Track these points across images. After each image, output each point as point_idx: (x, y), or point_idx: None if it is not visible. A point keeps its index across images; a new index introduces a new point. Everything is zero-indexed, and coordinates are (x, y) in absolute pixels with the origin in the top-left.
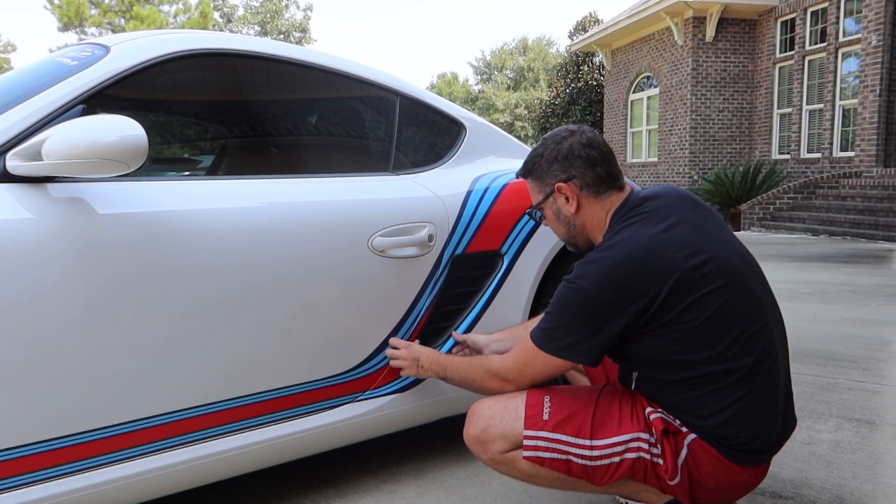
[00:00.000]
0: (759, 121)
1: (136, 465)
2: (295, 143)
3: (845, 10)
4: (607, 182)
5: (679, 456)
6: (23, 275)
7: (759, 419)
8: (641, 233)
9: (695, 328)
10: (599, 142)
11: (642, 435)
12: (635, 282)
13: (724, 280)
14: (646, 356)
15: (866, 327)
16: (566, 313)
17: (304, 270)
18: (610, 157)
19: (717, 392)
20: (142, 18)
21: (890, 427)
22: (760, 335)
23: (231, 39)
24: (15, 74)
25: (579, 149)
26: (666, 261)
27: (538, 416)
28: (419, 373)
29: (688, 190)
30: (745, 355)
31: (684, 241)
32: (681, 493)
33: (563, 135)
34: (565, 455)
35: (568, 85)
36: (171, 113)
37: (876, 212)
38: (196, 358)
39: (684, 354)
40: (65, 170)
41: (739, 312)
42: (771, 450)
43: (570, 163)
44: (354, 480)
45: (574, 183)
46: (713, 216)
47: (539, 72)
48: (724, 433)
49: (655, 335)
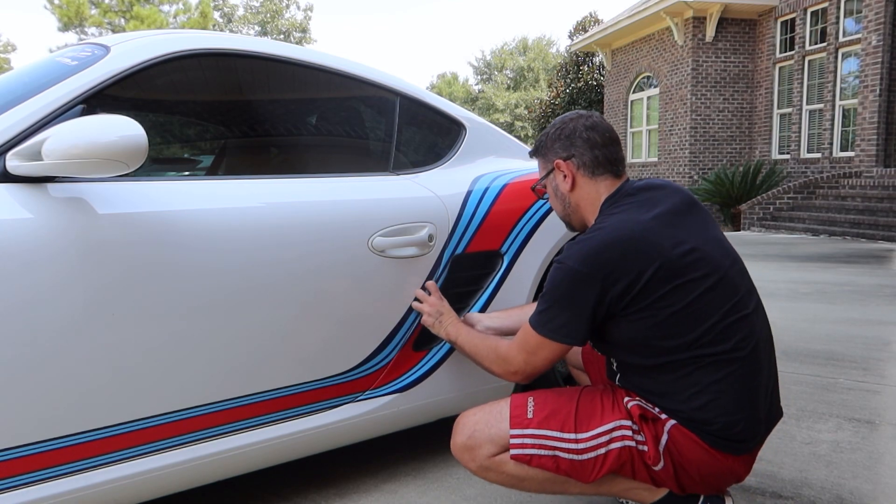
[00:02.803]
0: (759, 121)
1: (136, 465)
2: (295, 144)
3: (845, 10)
4: (604, 165)
5: (660, 441)
6: (23, 275)
7: (738, 405)
8: (631, 218)
9: (673, 314)
10: (604, 127)
11: (624, 422)
12: (620, 262)
13: (706, 271)
14: (624, 340)
15: (866, 327)
16: (556, 293)
17: (304, 270)
18: (611, 143)
19: (693, 374)
20: (142, 18)
21: (890, 427)
22: (739, 325)
23: (231, 39)
24: (15, 74)
25: (582, 130)
26: (651, 246)
27: (523, 416)
28: (434, 326)
29: (684, 187)
30: (722, 342)
31: (671, 231)
32: (667, 478)
33: (571, 116)
34: (552, 451)
35: (568, 85)
36: (171, 113)
37: (876, 212)
38: (196, 358)
39: (661, 340)
40: (65, 170)
41: (718, 302)
42: (752, 440)
43: (571, 142)
44: (354, 480)
45: (572, 161)
46: (704, 213)
47: (539, 72)
48: (702, 417)
49: (634, 319)
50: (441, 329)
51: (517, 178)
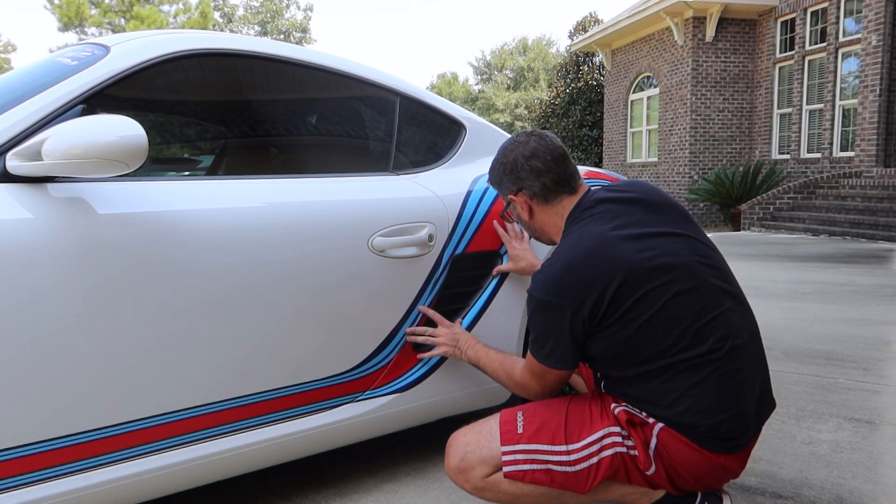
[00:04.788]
0: (759, 121)
1: (136, 465)
2: (295, 143)
3: (845, 10)
4: (555, 190)
5: (649, 445)
6: (23, 275)
7: (721, 405)
8: (589, 233)
9: (643, 324)
10: (544, 150)
11: (613, 429)
12: (582, 284)
13: (673, 275)
14: (600, 355)
15: (866, 327)
16: (534, 323)
17: (304, 270)
18: (556, 164)
19: (672, 379)
20: (142, 18)
21: (890, 427)
22: (713, 325)
23: (231, 39)
24: (15, 74)
25: (522, 161)
26: (610, 260)
27: (513, 431)
28: (456, 354)
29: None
30: (698, 345)
31: (632, 239)
32: (661, 481)
33: (510, 147)
34: (545, 465)
35: (568, 85)
36: (171, 113)
37: (876, 212)
38: (196, 358)
39: (635, 351)
40: (65, 170)
41: (688, 306)
42: (742, 437)
43: (516, 175)
44: (354, 480)
45: (524, 193)
46: (674, 212)
47: (539, 72)
48: (687, 421)
49: (607, 335)
50: (462, 355)
51: None
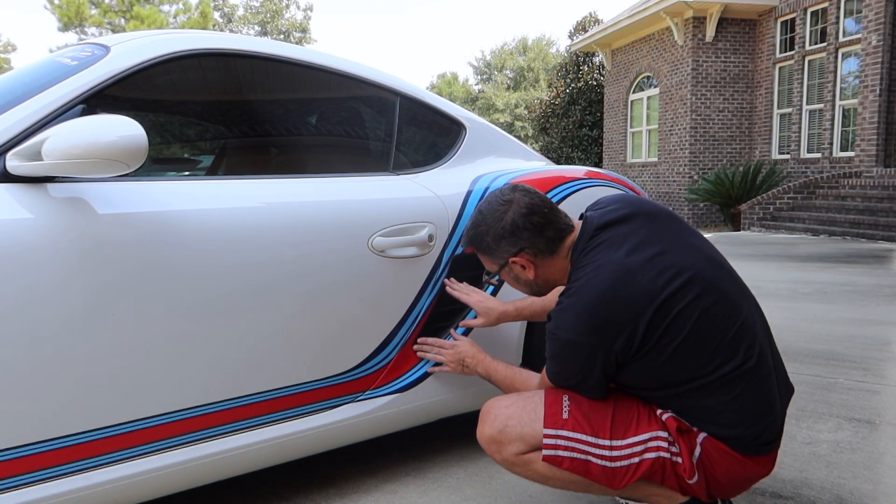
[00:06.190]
0: (759, 121)
1: (136, 465)
2: (295, 143)
3: (845, 10)
4: (557, 239)
5: (693, 454)
6: (23, 275)
7: (760, 412)
8: (608, 262)
9: (676, 348)
10: (537, 203)
11: (661, 433)
12: (612, 319)
13: (695, 290)
14: (637, 382)
15: (866, 327)
16: (560, 361)
17: (304, 270)
18: (552, 211)
19: (711, 396)
20: (142, 18)
21: (890, 427)
22: (741, 334)
23: (231, 39)
24: (15, 74)
25: (522, 220)
26: (637, 287)
27: (558, 415)
28: (464, 371)
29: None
30: (731, 358)
31: (647, 262)
32: (699, 489)
33: (501, 210)
34: (585, 455)
35: (568, 85)
36: (171, 113)
37: (876, 212)
38: (196, 358)
39: (671, 375)
40: (65, 170)
41: (717, 320)
42: (779, 435)
43: (517, 237)
44: (354, 480)
45: (526, 253)
46: (675, 222)
47: (539, 72)
48: (729, 434)
49: (641, 363)
50: (471, 372)
51: (517, 178)
